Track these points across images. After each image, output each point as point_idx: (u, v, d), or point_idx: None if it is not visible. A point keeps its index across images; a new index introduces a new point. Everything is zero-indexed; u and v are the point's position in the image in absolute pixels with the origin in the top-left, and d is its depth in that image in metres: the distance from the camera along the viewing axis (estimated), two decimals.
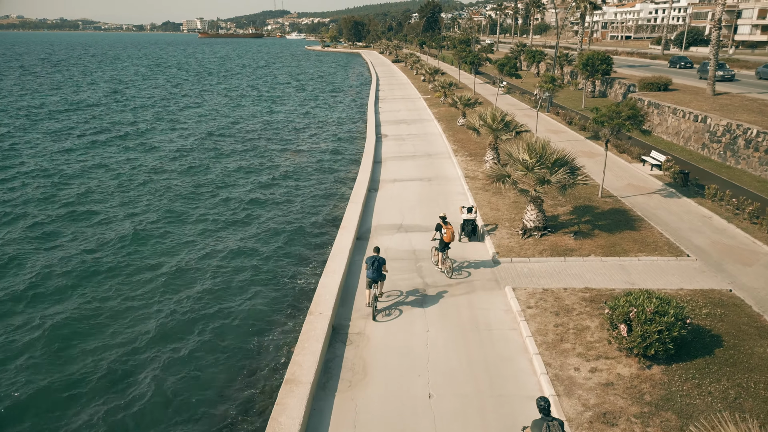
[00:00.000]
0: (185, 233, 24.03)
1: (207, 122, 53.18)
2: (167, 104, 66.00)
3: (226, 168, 35.35)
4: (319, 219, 25.64)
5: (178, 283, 19.24)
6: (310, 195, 29.46)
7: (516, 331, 13.66)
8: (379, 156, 33.57)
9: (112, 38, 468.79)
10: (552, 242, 18.72)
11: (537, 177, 18.05)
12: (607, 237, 18.98)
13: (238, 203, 28.10)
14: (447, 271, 16.76)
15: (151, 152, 39.84)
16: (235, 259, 21.22)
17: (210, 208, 27.52)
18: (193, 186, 31.13)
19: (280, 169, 34.91)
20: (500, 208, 22.53)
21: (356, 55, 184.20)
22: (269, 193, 29.98)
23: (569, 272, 16.62)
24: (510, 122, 27.74)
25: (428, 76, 66.70)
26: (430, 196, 25.08)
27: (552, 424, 8.25)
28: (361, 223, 21.61)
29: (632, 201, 22.84)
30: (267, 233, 23.82)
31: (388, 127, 43.51)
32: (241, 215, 26.37)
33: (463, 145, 34.84)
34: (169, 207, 27.34)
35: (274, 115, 58.56)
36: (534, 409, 9.50)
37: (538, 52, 69.57)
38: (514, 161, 18.84)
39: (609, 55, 46.60)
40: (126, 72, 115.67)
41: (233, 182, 32.12)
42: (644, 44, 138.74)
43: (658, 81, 41.74)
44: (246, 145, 42.52)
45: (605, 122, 20.74)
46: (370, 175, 27.79)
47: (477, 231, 19.64)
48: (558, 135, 37.02)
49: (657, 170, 27.20)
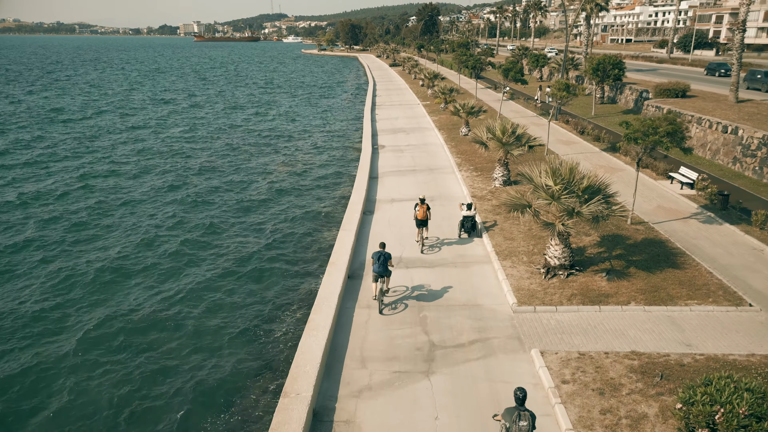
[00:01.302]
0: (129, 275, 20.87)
1: (179, 130, 50.08)
2: (131, 111, 62.88)
3: (199, 185, 32.00)
4: (304, 251, 22.26)
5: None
6: (295, 219, 26.09)
7: (551, 419, 10.57)
8: (376, 170, 30.49)
9: (108, 42, 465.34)
10: (581, 284, 15.64)
11: (564, 208, 14.98)
12: (646, 277, 15.91)
13: (205, 230, 24.79)
14: (420, 245, 18.81)
15: (98, 179, 36.72)
16: (193, 308, 17.54)
17: (165, 238, 23.41)
18: (152, 210, 27.92)
19: (262, 187, 31.66)
20: (514, 236, 19.46)
21: (353, 58, 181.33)
22: (246, 217, 26.64)
23: (607, 326, 13.54)
24: (522, 135, 24.73)
25: (427, 81, 63.74)
26: (434, 219, 21.99)
27: (523, 414, 8.46)
28: (354, 255, 18.51)
29: (667, 228, 19.79)
30: (239, 272, 20.49)
31: (386, 136, 40.46)
32: (206, 247, 22.91)
33: (467, 158, 31.79)
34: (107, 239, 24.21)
35: (260, 123, 55.37)
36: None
37: (542, 56, 66.65)
38: (536, 188, 15.77)
39: (621, 59, 43.65)
40: (102, 76, 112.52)
41: (204, 202, 28.74)
42: (646, 47, 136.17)
43: (675, 87, 38.79)
44: (224, 158, 39.27)
45: (639, 139, 17.69)
46: (365, 194, 24.70)
47: (476, 227, 20.17)
48: (570, 146, 34.01)
49: (688, 189, 24.19)
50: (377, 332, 13.75)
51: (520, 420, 8.45)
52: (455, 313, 14.56)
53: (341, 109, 65.43)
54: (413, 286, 16.28)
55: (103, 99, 72.89)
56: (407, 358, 12.62)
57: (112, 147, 42.27)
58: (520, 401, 8.65)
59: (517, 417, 8.47)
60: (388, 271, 14.68)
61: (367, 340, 13.43)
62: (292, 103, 70.71)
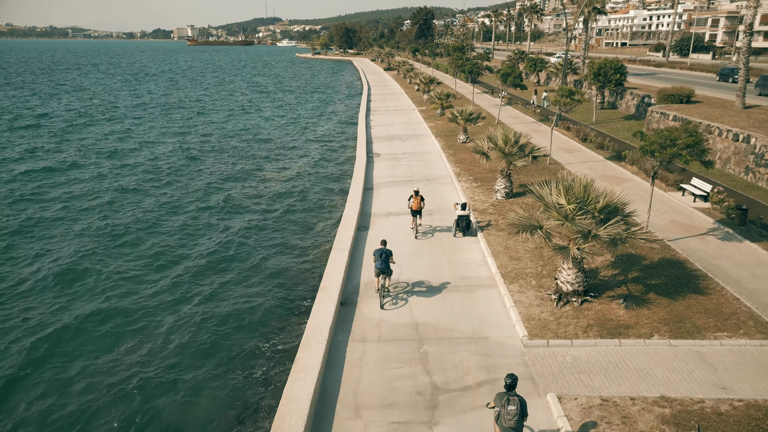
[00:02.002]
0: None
1: (165, 136, 48.47)
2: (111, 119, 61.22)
3: (172, 200, 30.46)
4: (292, 272, 20.56)
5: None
6: (283, 234, 24.51)
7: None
8: (371, 181, 29.02)
9: (99, 46, 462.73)
10: (597, 313, 14.21)
11: (579, 230, 13.56)
12: (667, 304, 14.50)
13: (181, 242, 23.30)
14: (413, 229, 20.80)
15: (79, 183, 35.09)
16: (161, 341, 15.74)
17: (124, 278, 20.15)
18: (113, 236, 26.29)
19: (248, 198, 30.11)
20: (521, 255, 18.03)
21: (347, 62, 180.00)
22: (231, 232, 24.94)
23: (631, 365, 12.10)
24: (525, 145, 23.34)
25: (423, 86, 62.44)
26: (433, 240, 20.52)
27: (512, 399, 8.87)
28: (347, 278, 17.04)
29: (684, 247, 18.41)
30: (217, 296, 18.91)
31: (381, 144, 39.03)
32: (179, 262, 21.32)
33: (466, 168, 30.39)
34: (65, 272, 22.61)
35: (249, 130, 53.80)
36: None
37: (539, 60, 65.53)
38: (547, 207, 14.35)
39: (622, 64, 42.44)
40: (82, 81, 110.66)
41: (185, 212, 27.30)
42: (641, 51, 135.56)
43: (679, 92, 37.56)
44: (206, 168, 37.70)
45: (656, 152, 16.32)
46: (359, 208, 23.23)
47: (470, 226, 20.76)
48: (573, 155, 32.69)
49: (701, 201, 22.86)
50: (373, 372, 12.26)
51: (509, 404, 8.87)
52: (460, 348, 13.09)
53: (335, 114, 63.98)
54: (414, 314, 14.81)
55: (79, 105, 71.16)
56: (407, 405, 11.13)
57: (80, 163, 40.65)
58: (509, 387, 9.06)
59: (506, 402, 8.89)
60: (390, 270, 15.23)
61: (361, 382, 11.94)
62: (283, 108, 69.19)
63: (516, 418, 8.84)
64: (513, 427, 8.89)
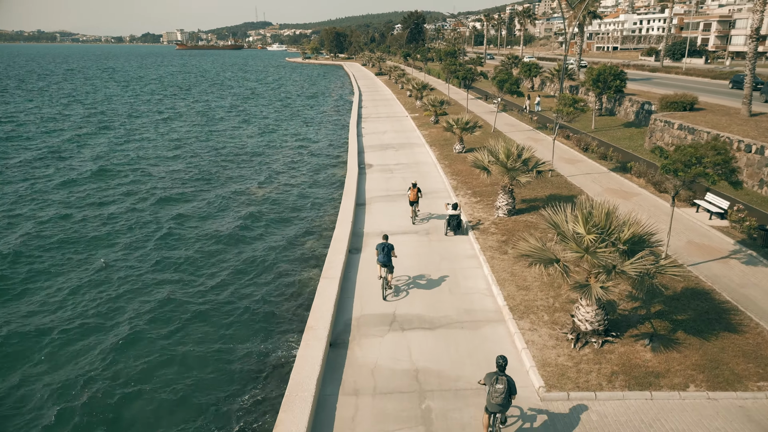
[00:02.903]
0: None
1: (136, 147, 46.47)
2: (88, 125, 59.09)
3: (157, 211, 28.67)
4: (276, 304, 18.54)
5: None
6: (267, 259, 22.36)
7: None
8: (363, 195, 27.27)
9: (87, 50, 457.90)
10: (621, 356, 12.54)
11: (602, 264, 11.89)
12: (699, 346, 12.86)
13: (150, 273, 21.44)
14: (412, 217, 22.63)
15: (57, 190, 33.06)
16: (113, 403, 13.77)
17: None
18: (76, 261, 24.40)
19: (229, 216, 28.04)
20: (529, 284, 16.35)
21: (338, 67, 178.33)
22: (208, 254, 22.99)
23: (667, 425, 10.43)
24: (529, 159, 21.69)
25: (416, 92, 60.84)
26: (431, 262, 18.79)
27: (500, 378, 9.47)
28: (338, 312, 15.27)
29: (707, 273, 16.82)
30: (186, 339, 17.19)
31: (373, 154, 37.29)
32: (143, 296, 19.53)
33: (464, 180, 28.73)
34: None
35: (231, 140, 51.77)
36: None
37: (534, 65, 64.20)
38: (564, 237, 12.67)
39: (622, 70, 41.07)
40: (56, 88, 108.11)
41: (157, 235, 25.40)
42: (633, 55, 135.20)
43: (683, 99, 36.18)
44: (186, 179, 35.79)
45: (680, 171, 14.71)
46: (351, 227, 21.46)
47: (461, 225, 21.41)
48: (575, 165, 31.14)
49: (718, 219, 21.32)
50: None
51: (497, 383, 9.45)
52: (467, 403, 11.35)
53: (325, 121, 62.20)
54: (413, 357, 13.06)
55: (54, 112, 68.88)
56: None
57: (55, 174, 38.57)
58: (500, 368, 9.64)
59: (495, 381, 9.48)
60: (392, 265, 15.87)
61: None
62: (270, 116, 67.29)
63: (503, 395, 9.43)
64: (500, 403, 9.47)
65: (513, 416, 10.88)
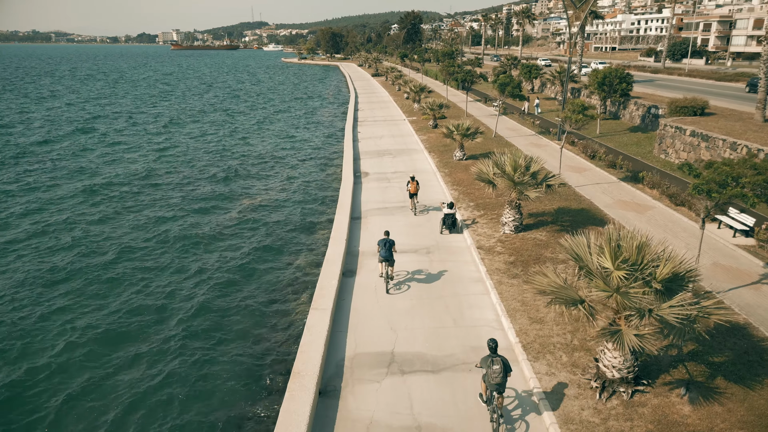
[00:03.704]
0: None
1: (121, 154, 44.64)
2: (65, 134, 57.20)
3: (126, 230, 26.91)
4: (256, 343, 16.44)
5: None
6: (249, 284, 20.25)
7: None
8: (358, 208, 25.57)
9: (79, 50, 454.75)
10: (655, 410, 10.86)
11: (635, 308, 10.21)
12: (743, 396, 11.19)
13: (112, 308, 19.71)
14: (413, 209, 23.93)
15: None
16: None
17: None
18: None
19: (208, 232, 25.92)
20: (543, 316, 14.66)
21: (334, 68, 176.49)
22: (181, 278, 21.06)
23: None
24: (538, 172, 20.02)
25: (413, 95, 59.18)
26: (433, 286, 17.10)
27: (495, 359, 10.15)
28: (330, 351, 13.57)
29: (738, 301, 15.16)
30: (153, 396, 15.49)
31: (369, 161, 35.59)
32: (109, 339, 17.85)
33: (465, 191, 27.06)
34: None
35: (218, 145, 50.09)
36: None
37: (534, 66, 62.59)
38: (588, 272, 10.99)
39: (628, 72, 39.49)
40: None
41: (124, 259, 23.60)
42: (632, 56, 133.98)
43: (693, 104, 34.59)
44: (168, 192, 33.99)
45: (714, 192, 13.06)
46: (345, 246, 19.75)
47: (456, 224, 21.63)
48: (582, 174, 29.51)
49: (742, 236, 19.69)
50: None
51: (494, 365, 10.07)
52: None
53: (319, 125, 60.41)
54: (415, 409, 11.37)
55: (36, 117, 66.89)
56: None
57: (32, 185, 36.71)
58: (492, 350, 10.36)
59: (491, 362, 10.11)
60: (393, 259, 16.43)
61: None
62: (260, 120, 65.52)
63: (501, 375, 10.06)
64: (498, 383, 10.09)
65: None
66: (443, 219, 21.39)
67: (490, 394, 10.39)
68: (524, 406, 11.41)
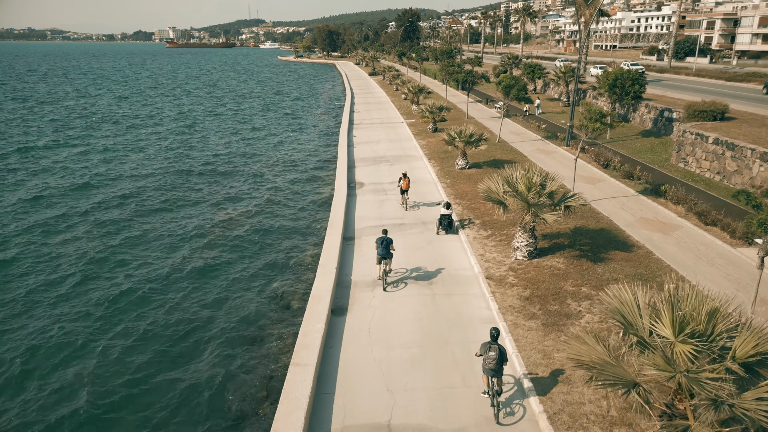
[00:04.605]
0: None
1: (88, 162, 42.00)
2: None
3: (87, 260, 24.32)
4: (223, 415, 14.19)
5: None
6: (215, 332, 17.04)
7: None
8: (351, 226, 23.06)
9: (74, 48, 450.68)
10: None
11: (707, 392, 7.73)
12: None
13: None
14: (403, 205, 24.80)
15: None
16: None
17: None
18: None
19: (183, 258, 23.67)
20: (570, 376, 12.15)
21: (331, 66, 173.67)
22: (140, 314, 18.78)
23: None
24: (555, 192, 17.54)
25: (412, 96, 56.65)
26: (438, 331, 14.61)
27: (493, 347, 10.80)
28: (312, 424, 11.07)
29: None
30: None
31: (365, 169, 33.07)
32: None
33: (469, 205, 24.58)
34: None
35: (199, 151, 47.31)
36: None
37: (537, 66, 60.13)
38: (643, 343, 8.51)
39: (641, 73, 37.04)
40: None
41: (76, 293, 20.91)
42: (633, 54, 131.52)
43: (713, 108, 32.14)
44: (141, 208, 31.26)
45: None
46: (334, 276, 17.25)
47: (453, 225, 21.41)
48: (596, 186, 27.06)
49: None
50: None
51: (490, 351, 10.79)
52: None
53: (313, 127, 57.80)
54: None
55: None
56: None
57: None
58: (494, 338, 11.05)
59: (488, 349, 10.83)
60: (391, 253, 16.48)
61: None
62: (249, 123, 62.89)
63: (496, 361, 10.74)
64: (493, 368, 10.79)
65: None
66: (440, 219, 21.15)
67: (488, 380, 11.06)
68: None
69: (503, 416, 11.19)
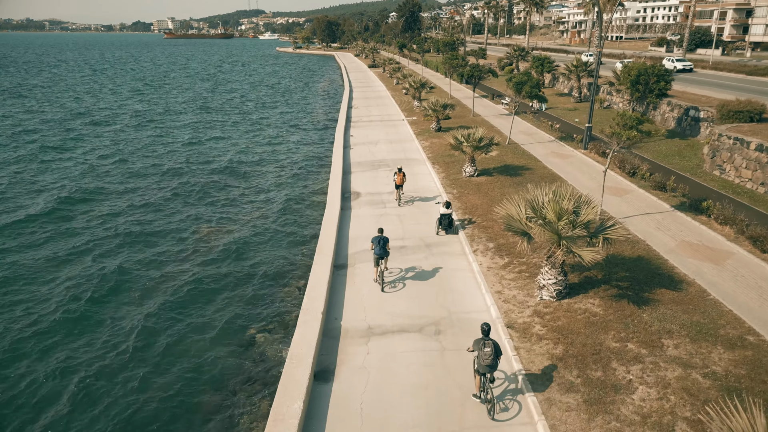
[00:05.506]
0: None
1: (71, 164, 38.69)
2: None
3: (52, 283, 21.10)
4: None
5: None
6: (186, 377, 14.70)
7: None
8: (344, 251, 19.78)
9: (71, 39, 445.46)
10: None
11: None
12: None
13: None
14: (397, 200, 24.15)
15: None
16: None
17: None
18: None
19: (146, 284, 20.60)
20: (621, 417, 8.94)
21: (330, 57, 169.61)
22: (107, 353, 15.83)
23: None
24: (592, 221, 14.21)
25: (413, 91, 53.19)
26: (449, 409, 11.39)
27: (487, 342, 10.66)
28: None
29: None
30: None
31: (361, 175, 29.74)
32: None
33: (482, 223, 21.31)
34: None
35: (186, 154, 44.09)
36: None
37: (547, 59, 56.60)
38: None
39: (666, 69, 33.57)
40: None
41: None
42: (640, 45, 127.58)
43: (749, 108, 28.77)
44: (113, 222, 28.14)
45: None
46: (320, 325, 14.02)
47: (453, 224, 20.61)
48: (625, 199, 23.76)
49: None
50: None
51: (485, 347, 10.62)
52: None
53: (308, 125, 54.38)
54: None
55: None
56: None
57: None
58: (485, 333, 10.88)
59: (482, 345, 10.67)
60: (387, 252, 16.43)
61: None
62: (236, 122, 59.45)
63: (491, 357, 10.57)
64: (489, 364, 10.59)
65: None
66: (439, 219, 20.38)
67: (481, 382, 10.88)
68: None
69: (498, 411, 11.15)
